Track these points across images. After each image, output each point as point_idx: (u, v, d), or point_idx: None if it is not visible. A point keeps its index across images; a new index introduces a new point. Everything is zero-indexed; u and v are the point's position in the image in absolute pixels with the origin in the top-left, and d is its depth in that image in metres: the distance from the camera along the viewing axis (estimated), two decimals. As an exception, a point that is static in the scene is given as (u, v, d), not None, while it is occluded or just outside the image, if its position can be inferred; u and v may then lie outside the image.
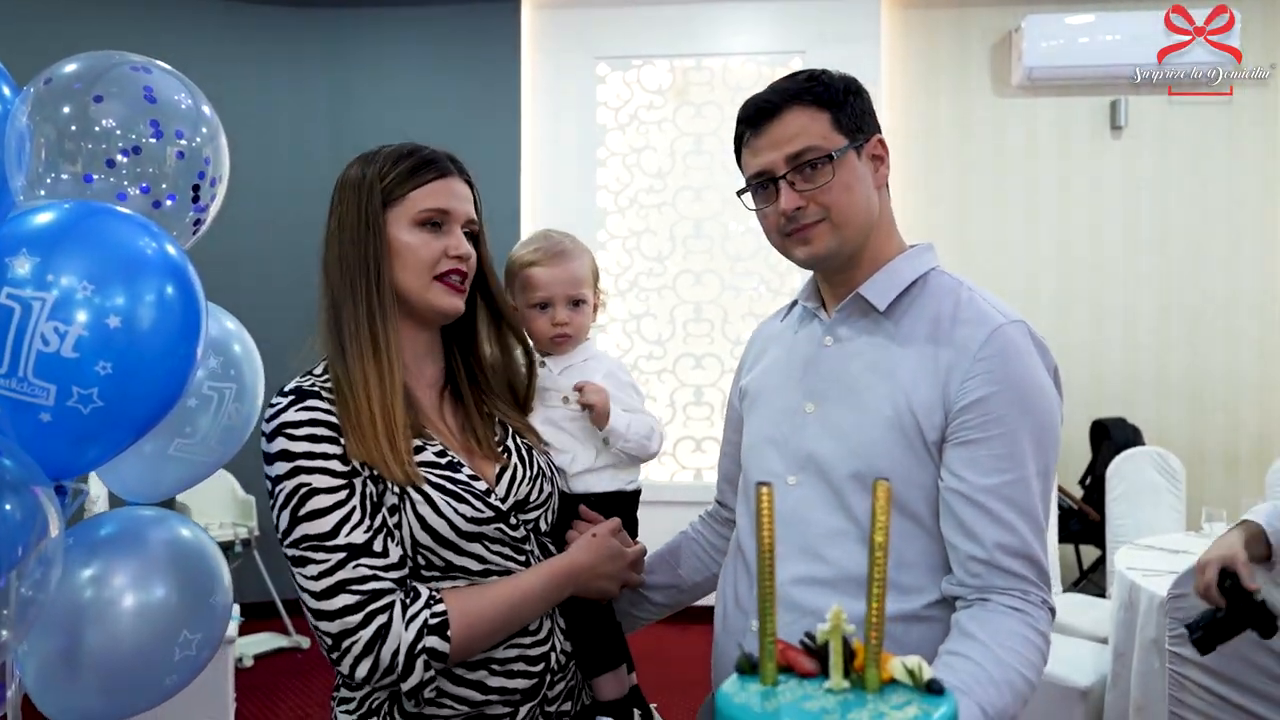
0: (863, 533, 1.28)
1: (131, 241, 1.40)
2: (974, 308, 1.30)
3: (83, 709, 1.57)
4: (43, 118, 1.56)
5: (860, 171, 1.33)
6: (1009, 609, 1.22)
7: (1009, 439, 1.24)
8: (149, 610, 1.57)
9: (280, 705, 4.16)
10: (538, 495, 1.46)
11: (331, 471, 1.29)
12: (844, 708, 0.86)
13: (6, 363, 1.30)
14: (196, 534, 1.69)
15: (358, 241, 1.38)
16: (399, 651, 1.26)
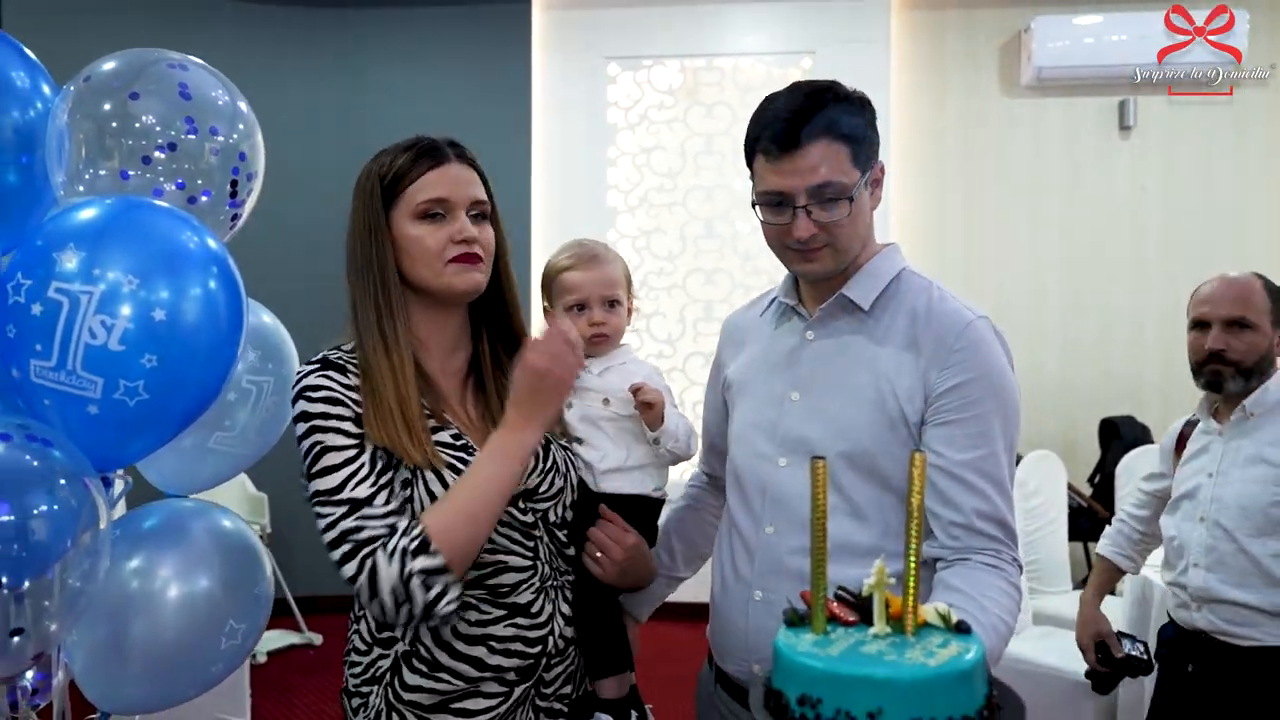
0: (850, 507, 1.44)
1: (175, 236, 1.43)
2: (945, 305, 1.45)
3: (128, 696, 1.60)
4: (82, 115, 1.59)
5: (866, 201, 1.44)
6: (986, 565, 1.37)
7: (982, 420, 1.39)
8: (197, 601, 1.60)
9: (295, 701, 4.18)
10: (547, 487, 1.49)
11: (344, 432, 1.35)
12: (896, 648, 1.02)
13: (55, 356, 1.32)
14: (238, 525, 1.72)
15: (365, 243, 1.44)
16: (395, 586, 1.29)
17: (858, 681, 0.98)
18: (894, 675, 0.98)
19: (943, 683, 0.98)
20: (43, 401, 1.36)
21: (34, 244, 1.39)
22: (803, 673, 1.02)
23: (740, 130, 4.65)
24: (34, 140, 1.61)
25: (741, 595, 1.50)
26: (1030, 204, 5.16)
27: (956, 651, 1.02)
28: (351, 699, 1.46)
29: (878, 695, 0.97)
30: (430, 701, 1.40)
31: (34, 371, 1.34)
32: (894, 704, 0.97)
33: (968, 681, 1.00)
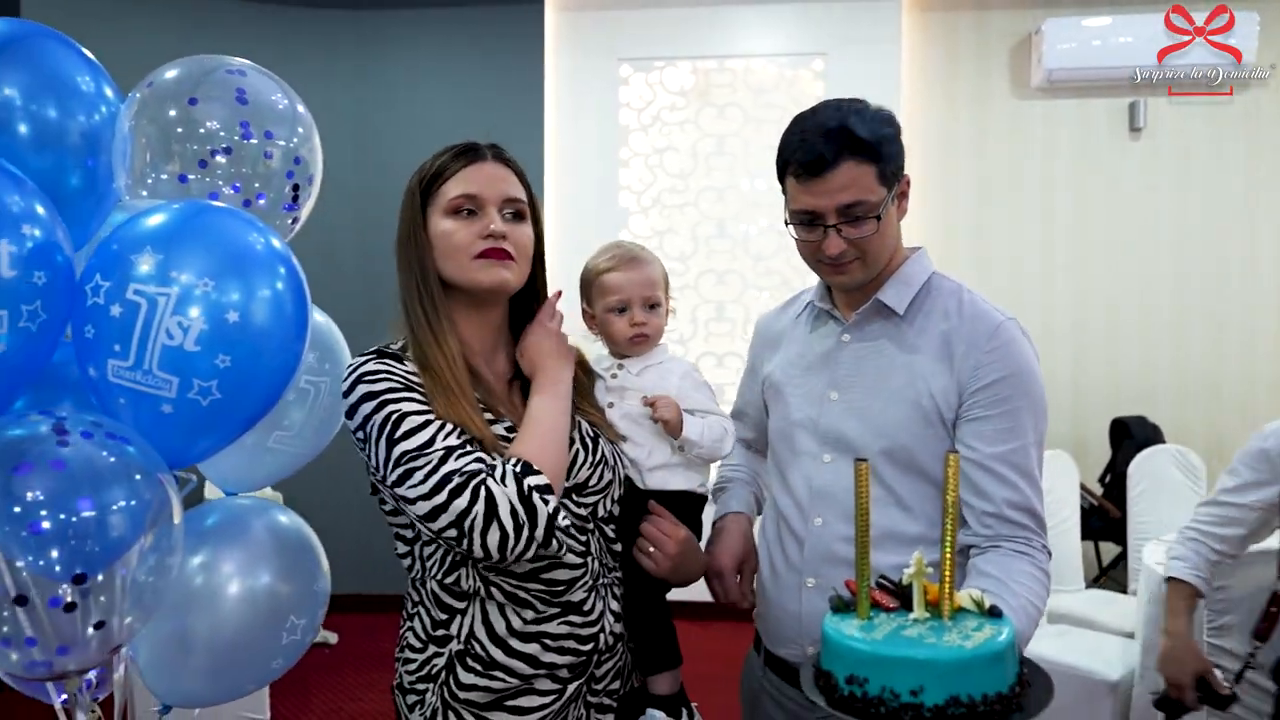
0: (892, 498, 1.53)
1: (244, 238, 1.46)
2: (976, 307, 1.56)
3: (190, 690, 1.63)
4: (145, 120, 1.63)
5: (893, 215, 1.52)
6: (1017, 552, 1.47)
7: (1013, 415, 1.49)
8: (260, 596, 1.64)
9: (313, 699, 4.21)
10: (597, 481, 1.53)
11: (416, 400, 1.38)
12: (935, 632, 1.12)
13: (133, 356, 1.35)
14: (296, 521, 1.75)
15: (406, 243, 1.50)
16: (514, 505, 1.32)
17: (901, 662, 1.08)
18: (934, 656, 1.08)
19: (979, 663, 1.08)
20: (118, 400, 1.39)
21: (109, 248, 1.41)
22: (849, 654, 1.12)
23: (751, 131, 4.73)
24: (99, 144, 1.65)
25: (793, 582, 1.60)
26: (1041, 205, 5.19)
27: (990, 634, 1.12)
28: (406, 696, 1.49)
29: (919, 674, 1.07)
30: (485, 700, 1.43)
31: (111, 371, 1.37)
32: (934, 682, 1.07)
33: (1001, 661, 1.10)
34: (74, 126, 1.62)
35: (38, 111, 1.58)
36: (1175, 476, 4.20)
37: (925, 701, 1.07)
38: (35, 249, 1.36)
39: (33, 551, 1.27)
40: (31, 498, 1.27)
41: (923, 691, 1.07)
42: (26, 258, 1.34)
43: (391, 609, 5.14)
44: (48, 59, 1.61)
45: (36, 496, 1.27)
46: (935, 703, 1.07)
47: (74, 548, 1.28)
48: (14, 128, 1.55)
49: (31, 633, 1.29)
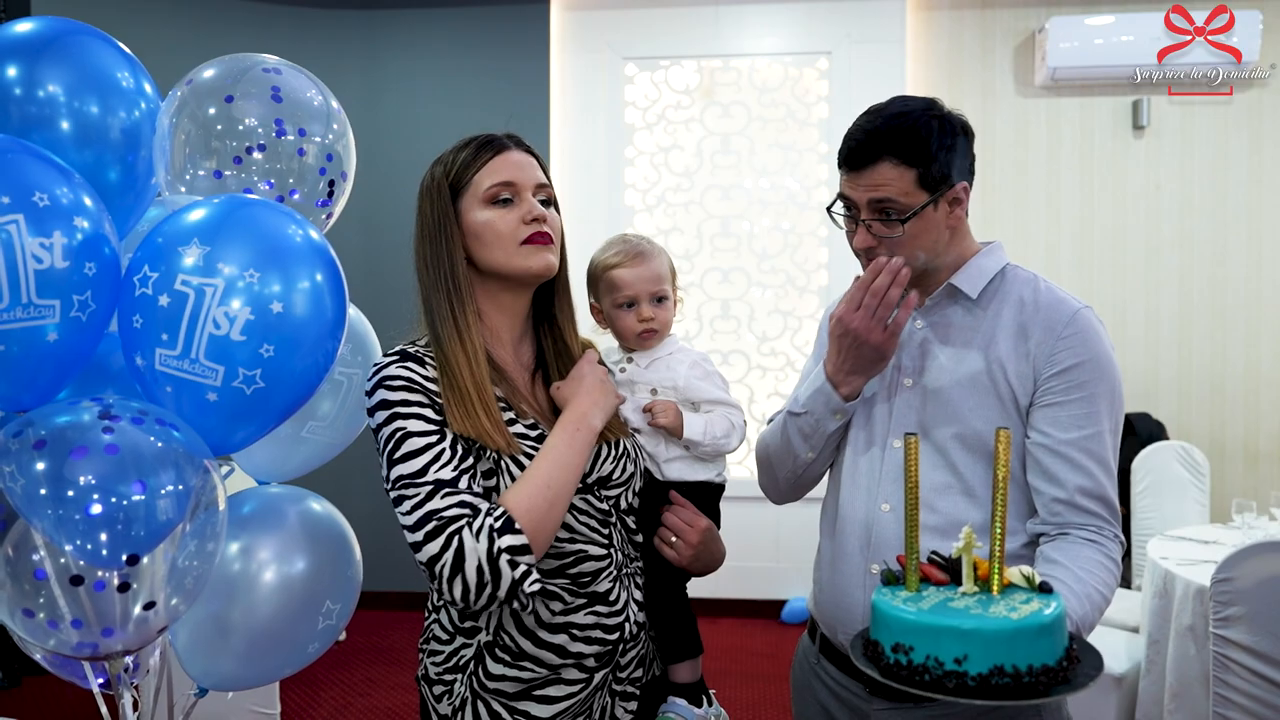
0: (965, 486, 1.51)
1: (284, 230, 1.49)
2: (1052, 295, 1.56)
3: (226, 673, 1.66)
4: (184, 117, 1.67)
5: (932, 221, 1.51)
6: (1086, 540, 1.47)
7: (1088, 401, 1.48)
8: (297, 582, 1.67)
9: (321, 694, 4.24)
10: (620, 474, 1.55)
11: (425, 418, 1.39)
12: (982, 604, 1.14)
13: (180, 345, 1.39)
14: (329, 509, 1.78)
15: (435, 238, 1.49)
16: (481, 564, 1.32)
17: (946, 631, 1.10)
18: (979, 626, 1.09)
19: (1025, 634, 1.09)
20: (164, 388, 1.42)
21: (155, 240, 1.45)
22: (896, 624, 1.15)
23: (756, 130, 4.77)
24: (138, 140, 1.68)
25: (858, 568, 1.59)
26: (1045, 203, 5.22)
27: (1038, 607, 1.13)
28: (433, 686, 1.51)
29: (964, 643, 1.09)
30: (514, 690, 1.45)
31: (159, 360, 1.40)
32: (978, 651, 1.08)
33: (1048, 634, 1.11)
34: (114, 123, 1.65)
35: (80, 108, 1.61)
36: (1179, 473, 4.23)
37: (969, 670, 1.09)
38: (86, 240, 1.40)
39: (87, 533, 1.31)
40: (86, 481, 1.31)
41: (966, 660, 1.09)
42: (78, 249, 1.38)
43: (399, 606, 5.21)
44: (89, 56, 1.64)
45: (90, 480, 1.31)
46: (979, 671, 1.08)
47: (127, 530, 1.32)
48: (57, 124, 1.58)
49: (81, 614, 1.33)
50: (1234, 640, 2.54)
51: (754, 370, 5.42)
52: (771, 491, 1.79)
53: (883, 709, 1.57)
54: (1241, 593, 2.52)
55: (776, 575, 5.32)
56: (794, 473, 1.69)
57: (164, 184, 1.68)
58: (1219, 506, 4.38)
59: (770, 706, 4.11)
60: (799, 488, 1.74)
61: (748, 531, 5.25)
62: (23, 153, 1.39)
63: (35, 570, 1.35)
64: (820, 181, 5.34)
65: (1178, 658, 2.95)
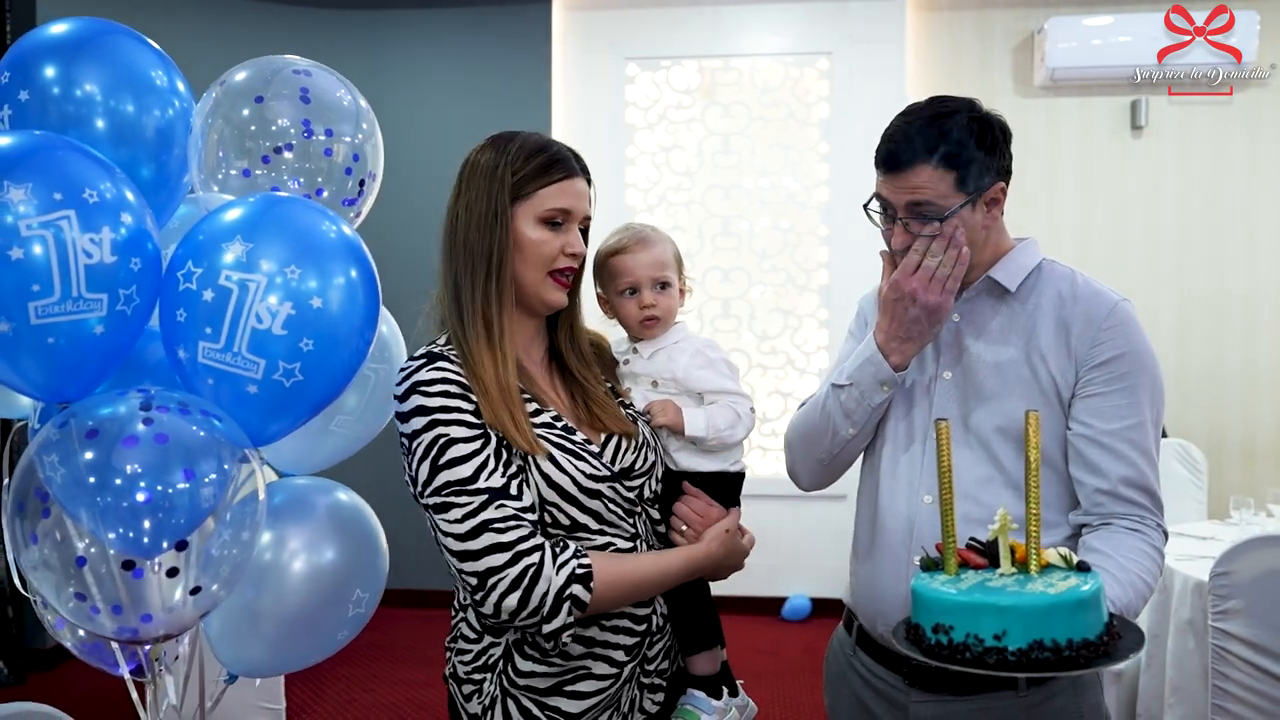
0: (1008, 479, 1.51)
1: (320, 227, 1.53)
2: (1090, 288, 1.59)
3: (257, 660, 1.70)
4: (217, 118, 1.71)
5: (969, 221, 1.52)
6: (1129, 530, 1.47)
7: (1130, 391, 1.50)
8: (328, 571, 1.71)
9: (325, 690, 4.26)
10: (642, 464, 1.57)
11: (467, 423, 1.40)
12: (1020, 583, 1.16)
13: (224, 338, 1.42)
14: (355, 500, 1.82)
15: (484, 230, 1.47)
16: (548, 594, 1.36)
17: (985, 608, 1.12)
18: (1017, 601, 1.11)
19: (1062, 608, 1.11)
20: (206, 380, 1.46)
21: (196, 237, 1.49)
22: (936, 605, 1.17)
23: (757, 130, 4.81)
24: (171, 138, 1.72)
25: (901, 561, 1.58)
26: (1044, 202, 5.26)
27: (1076, 583, 1.15)
28: (463, 685, 1.52)
29: (1003, 619, 1.11)
30: (544, 685, 1.47)
31: (202, 353, 1.44)
32: (1017, 626, 1.10)
33: (1086, 608, 1.13)
34: (149, 121, 1.68)
35: (116, 107, 1.64)
36: (1177, 470, 4.27)
37: (1009, 645, 1.10)
38: (131, 236, 1.44)
39: (135, 521, 1.35)
40: (134, 470, 1.35)
41: (1005, 636, 1.10)
42: (125, 244, 1.42)
43: (406, 603, 5.22)
44: (124, 56, 1.68)
45: (139, 469, 1.35)
46: (1019, 646, 1.10)
47: (174, 517, 1.36)
48: (93, 123, 1.61)
49: (125, 599, 1.37)
50: (1232, 633, 2.58)
51: (755, 369, 5.45)
52: (803, 473, 1.75)
53: (921, 700, 1.57)
54: (1239, 586, 2.56)
55: (777, 572, 5.35)
56: (830, 452, 1.66)
57: (197, 183, 1.73)
58: (1217, 504, 4.41)
59: (771, 703, 4.14)
60: (833, 469, 1.71)
61: (750, 528, 5.29)
62: (70, 149, 1.43)
63: (77, 557, 1.39)
64: (820, 181, 5.38)
65: (1177, 652, 2.98)
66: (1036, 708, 1.53)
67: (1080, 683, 1.55)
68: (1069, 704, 1.54)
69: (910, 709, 1.59)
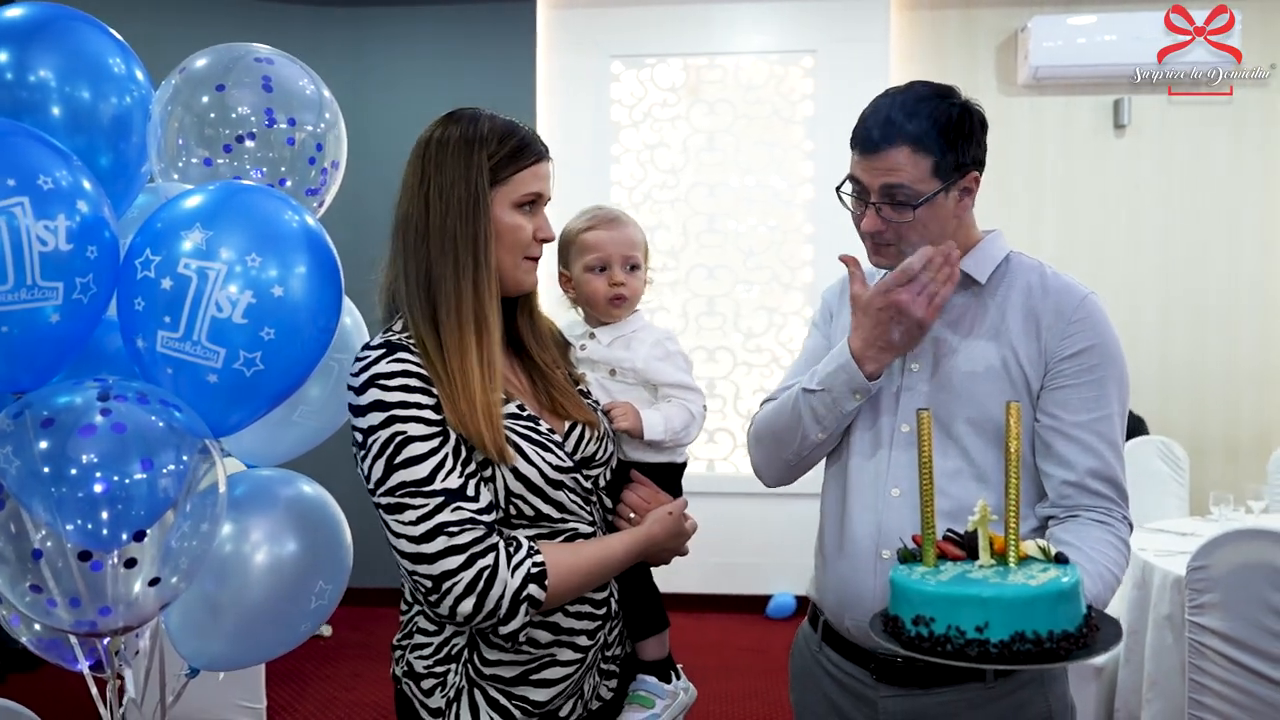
0: (977, 471, 1.51)
1: (282, 216, 1.52)
2: (1059, 280, 1.58)
3: (218, 653, 1.69)
4: (178, 106, 1.69)
5: (943, 209, 1.51)
6: (1096, 522, 1.47)
7: (1098, 385, 1.50)
8: (290, 563, 1.69)
9: (308, 690, 4.25)
10: (602, 454, 1.56)
11: (425, 420, 1.35)
12: (1000, 574, 1.16)
13: (183, 327, 1.41)
14: (319, 491, 1.80)
15: (466, 217, 1.41)
16: (504, 596, 1.34)
17: (966, 600, 1.11)
18: (999, 593, 1.11)
19: (1043, 600, 1.10)
20: (165, 370, 1.45)
21: (155, 225, 1.47)
22: (916, 597, 1.15)
23: (741, 127, 4.79)
24: (129, 126, 1.70)
25: (868, 555, 1.57)
26: (1027, 200, 5.27)
27: (1056, 575, 1.15)
28: (421, 681, 1.48)
29: (985, 611, 1.10)
30: (512, 674, 1.45)
31: (160, 342, 1.43)
32: (999, 618, 1.09)
33: (1066, 600, 1.12)
34: (106, 108, 1.66)
35: (71, 93, 1.61)
36: (1159, 467, 4.29)
37: (990, 638, 1.10)
38: (88, 224, 1.42)
39: (93, 511, 1.33)
40: (90, 460, 1.34)
41: (988, 628, 1.10)
42: (81, 232, 1.40)
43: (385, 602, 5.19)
44: (81, 42, 1.65)
45: (94, 459, 1.33)
46: (1000, 638, 1.10)
47: (133, 508, 1.35)
48: (48, 109, 1.59)
49: (82, 591, 1.35)
50: (1208, 627, 2.58)
51: (739, 366, 5.45)
52: (769, 471, 1.75)
53: (889, 695, 1.56)
54: (1215, 580, 2.56)
55: (762, 571, 5.35)
56: (798, 454, 1.65)
57: (157, 171, 1.71)
58: (1198, 500, 4.42)
59: (755, 699, 4.14)
60: (798, 469, 1.71)
61: (734, 527, 5.29)
62: (25, 136, 1.41)
63: (33, 550, 1.37)
64: (805, 179, 5.38)
65: (1156, 647, 2.98)
66: (1004, 699, 1.52)
67: (1047, 674, 1.55)
68: (1035, 694, 1.54)
69: (878, 704, 1.58)
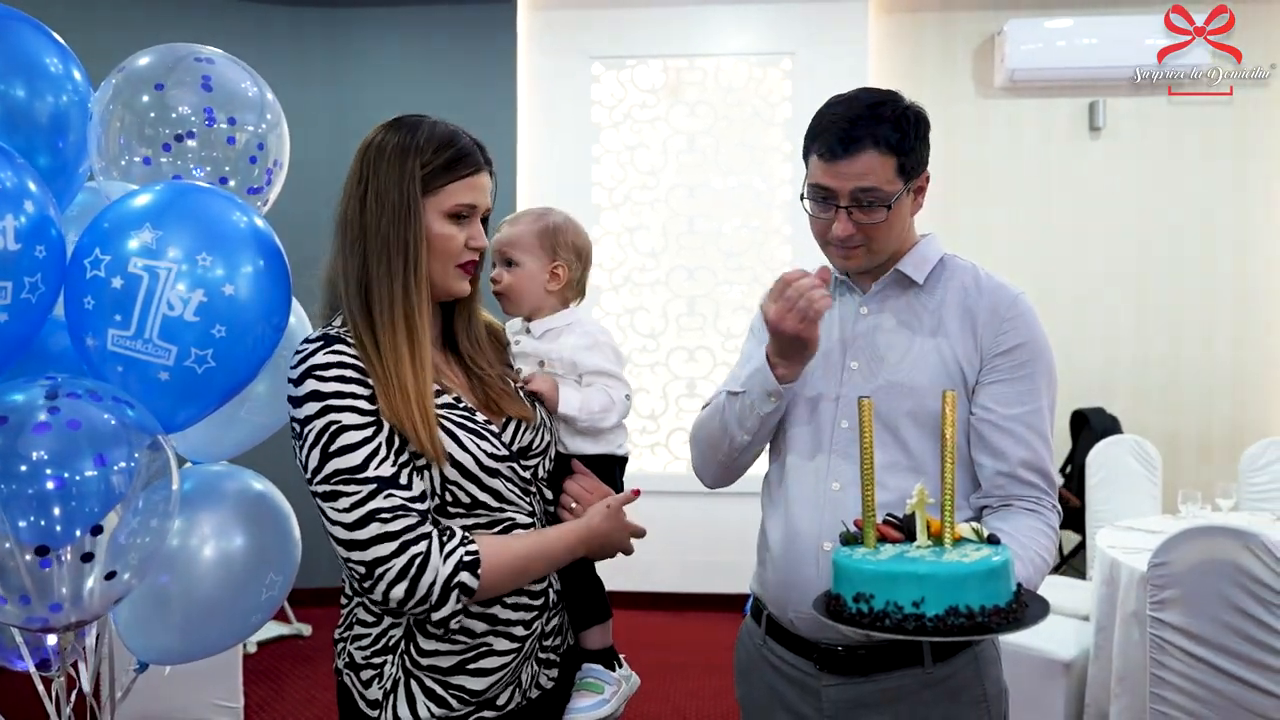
0: (914, 463, 1.56)
1: (231, 216, 1.54)
2: (993, 281, 1.65)
3: (167, 646, 1.70)
4: (118, 104, 1.71)
5: (906, 208, 1.58)
6: (1027, 510, 1.55)
7: (1030, 379, 1.57)
8: (239, 555, 1.70)
9: (286, 688, 4.26)
10: (539, 444, 1.59)
11: (359, 410, 1.38)
12: (936, 554, 1.23)
13: (134, 325, 1.44)
14: (268, 485, 1.82)
15: (398, 222, 1.44)
16: (435, 583, 1.36)
17: (904, 577, 1.18)
18: (934, 570, 1.18)
19: (975, 577, 1.18)
20: (115, 368, 1.47)
21: (101, 225, 1.49)
22: (857, 575, 1.23)
23: (721, 129, 4.82)
24: (67, 125, 1.71)
25: (810, 547, 1.61)
26: (1004, 201, 5.31)
27: (988, 553, 1.23)
28: (360, 672, 1.50)
29: (921, 587, 1.18)
30: (448, 664, 1.47)
31: (111, 340, 1.45)
32: (934, 593, 1.17)
33: (996, 577, 1.20)
34: (42, 107, 1.67)
35: (6, 91, 1.62)
36: (1132, 466, 4.32)
37: (926, 612, 1.17)
38: (35, 223, 1.44)
39: (46, 508, 1.35)
40: (40, 457, 1.36)
41: (924, 603, 1.17)
42: (28, 231, 1.42)
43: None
44: (17, 41, 1.66)
45: (47, 456, 1.36)
46: (936, 613, 1.17)
47: (89, 502, 1.37)
48: None
49: (34, 588, 1.37)
50: (1169, 623, 2.61)
51: (719, 367, 5.48)
52: (705, 472, 1.80)
53: (833, 684, 1.60)
54: (1175, 576, 2.59)
55: (742, 570, 5.33)
56: (729, 455, 1.70)
57: (98, 170, 1.72)
58: (1171, 499, 4.45)
59: (733, 695, 4.16)
60: (732, 471, 1.75)
61: (713, 527, 5.31)
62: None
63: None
64: (784, 180, 5.41)
65: (1123, 643, 3.01)
66: (942, 683, 1.57)
67: (982, 657, 1.61)
68: (972, 678, 1.59)
69: (822, 693, 1.62)
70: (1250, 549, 2.48)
